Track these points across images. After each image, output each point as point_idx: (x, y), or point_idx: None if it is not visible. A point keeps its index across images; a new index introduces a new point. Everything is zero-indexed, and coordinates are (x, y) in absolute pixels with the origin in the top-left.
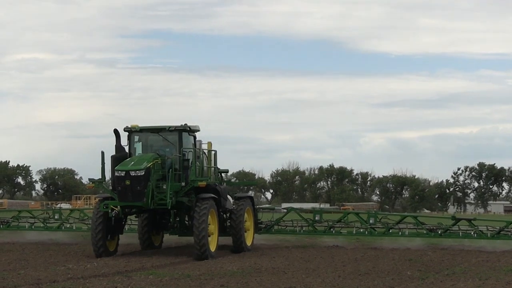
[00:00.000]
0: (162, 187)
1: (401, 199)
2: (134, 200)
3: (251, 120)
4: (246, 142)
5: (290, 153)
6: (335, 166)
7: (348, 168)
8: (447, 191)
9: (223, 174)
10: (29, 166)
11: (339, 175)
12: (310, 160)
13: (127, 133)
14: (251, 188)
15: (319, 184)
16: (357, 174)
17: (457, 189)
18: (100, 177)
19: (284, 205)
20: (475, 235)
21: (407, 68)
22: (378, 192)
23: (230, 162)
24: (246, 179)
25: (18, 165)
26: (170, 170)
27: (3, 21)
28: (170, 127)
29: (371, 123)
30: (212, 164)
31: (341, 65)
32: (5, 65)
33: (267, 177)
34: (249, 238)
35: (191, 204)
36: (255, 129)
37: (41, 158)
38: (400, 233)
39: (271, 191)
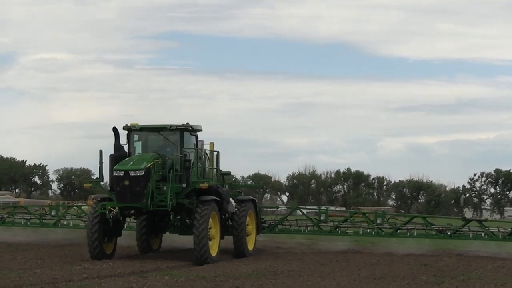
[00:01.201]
0: (163, 188)
1: (417, 204)
2: (133, 201)
3: (268, 123)
4: (263, 145)
5: (307, 157)
6: (352, 170)
7: (365, 172)
8: (463, 196)
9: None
10: (45, 166)
11: (356, 179)
12: (326, 163)
13: (126, 132)
14: (267, 190)
15: (335, 188)
16: (373, 179)
17: (473, 194)
18: (98, 177)
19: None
20: (486, 237)
21: (425, 73)
22: (394, 197)
23: (246, 164)
24: (262, 181)
25: (34, 164)
26: (171, 170)
27: (22, 21)
28: (171, 126)
29: (388, 128)
30: (214, 165)
31: (359, 69)
32: (24, 65)
33: (283, 180)
34: (251, 242)
35: (192, 207)
36: (272, 132)
37: (58, 158)
38: (408, 234)
39: (287, 194)
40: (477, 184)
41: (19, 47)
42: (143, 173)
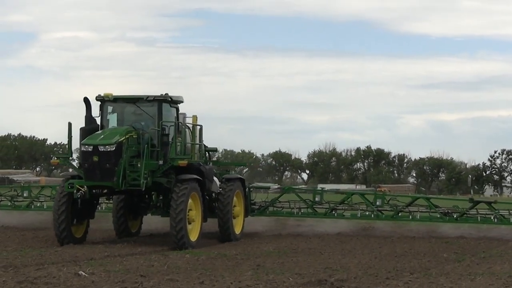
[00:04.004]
0: (137, 166)
1: (438, 182)
2: (102, 179)
3: (288, 100)
4: (283, 122)
5: (327, 134)
6: (372, 148)
7: (385, 149)
8: (484, 174)
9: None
10: (66, 144)
11: (376, 156)
12: (347, 141)
13: (99, 103)
14: (288, 168)
15: (355, 165)
16: (394, 156)
17: (494, 172)
18: (67, 152)
19: (321, 186)
20: (495, 220)
21: (447, 50)
22: (414, 174)
23: (267, 142)
24: (282, 159)
25: (55, 143)
26: (146, 146)
27: None
28: (148, 96)
29: (409, 105)
30: (197, 141)
31: (380, 46)
32: (45, 43)
33: (304, 157)
34: (238, 225)
35: (170, 186)
36: (292, 109)
37: (78, 137)
38: (410, 216)
39: (308, 171)
40: (498, 161)
41: (41, 26)
42: (114, 148)
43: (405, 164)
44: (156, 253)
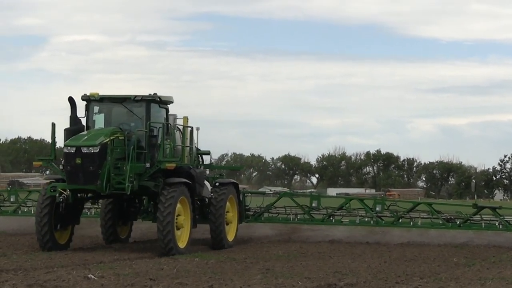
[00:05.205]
0: (122, 168)
1: (447, 186)
2: (85, 182)
3: (298, 104)
4: (293, 126)
5: (337, 138)
6: (382, 152)
7: (395, 153)
8: (494, 179)
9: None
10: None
11: (386, 160)
12: (356, 145)
13: (85, 103)
14: (297, 172)
15: (365, 169)
16: (403, 160)
17: (504, 176)
18: (50, 154)
19: (330, 189)
20: (500, 226)
21: (457, 54)
22: (424, 179)
23: (276, 145)
24: (291, 163)
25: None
26: (132, 148)
27: (54, 2)
28: (135, 96)
29: (419, 109)
30: (188, 143)
31: (391, 50)
32: (56, 46)
33: (313, 161)
34: (231, 232)
35: (157, 190)
36: (302, 113)
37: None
38: (411, 223)
39: (317, 175)
40: (508, 165)
41: (51, 29)
42: (97, 150)
43: (414, 168)
44: (165, 256)
